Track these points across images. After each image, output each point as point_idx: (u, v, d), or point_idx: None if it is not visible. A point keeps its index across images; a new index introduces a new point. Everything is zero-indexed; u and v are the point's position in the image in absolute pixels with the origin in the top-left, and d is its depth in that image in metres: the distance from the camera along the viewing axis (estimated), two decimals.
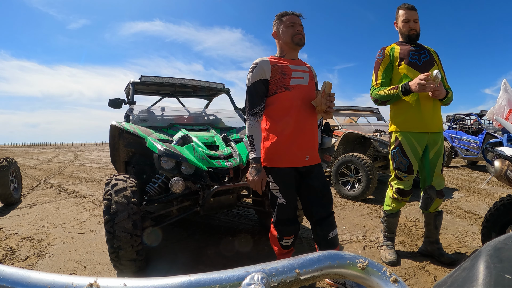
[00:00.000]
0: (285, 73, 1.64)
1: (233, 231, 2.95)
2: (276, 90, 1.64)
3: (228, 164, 2.29)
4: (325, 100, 1.61)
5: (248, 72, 1.66)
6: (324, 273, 0.32)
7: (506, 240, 0.29)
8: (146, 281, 0.26)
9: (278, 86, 1.64)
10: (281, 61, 1.68)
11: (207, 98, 4.31)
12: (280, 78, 1.63)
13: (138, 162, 2.73)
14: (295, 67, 1.69)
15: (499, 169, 1.70)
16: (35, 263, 2.29)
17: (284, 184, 1.67)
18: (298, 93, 1.66)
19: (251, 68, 1.64)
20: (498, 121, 2.03)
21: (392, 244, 2.32)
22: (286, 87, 1.64)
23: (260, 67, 1.62)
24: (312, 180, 1.72)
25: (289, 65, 1.67)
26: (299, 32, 1.67)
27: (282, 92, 1.63)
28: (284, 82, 1.63)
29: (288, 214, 1.71)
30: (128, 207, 1.88)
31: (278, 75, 1.63)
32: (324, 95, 1.60)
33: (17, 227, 3.18)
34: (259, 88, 1.63)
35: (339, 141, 5.19)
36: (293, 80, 1.65)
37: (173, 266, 2.22)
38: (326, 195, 1.75)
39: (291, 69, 1.67)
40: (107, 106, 2.99)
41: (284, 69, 1.65)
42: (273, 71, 1.62)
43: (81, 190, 5.34)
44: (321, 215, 1.72)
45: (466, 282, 0.26)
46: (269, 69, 1.62)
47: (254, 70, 1.63)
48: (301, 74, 1.70)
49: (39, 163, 11.96)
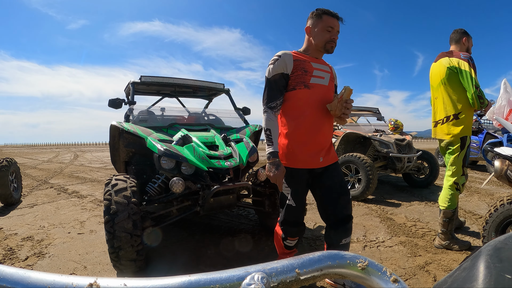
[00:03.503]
0: (306, 70, 1.57)
1: (233, 231, 2.95)
2: (295, 86, 1.58)
3: (228, 164, 2.29)
4: (340, 106, 1.55)
5: (269, 63, 1.59)
6: (324, 273, 0.32)
7: (506, 240, 0.28)
8: (146, 281, 0.26)
9: (297, 82, 1.57)
10: (304, 57, 1.61)
11: (207, 98, 4.31)
12: (300, 75, 1.57)
13: (138, 162, 2.73)
14: (317, 65, 1.63)
15: (499, 169, 1.70)
16: (35, 263, 2.29)
17: (295, 186, 1.63)
18: (316, 92, 1.60)
19: (273, 60, 1.57)
20: (498, 121, 2.03)
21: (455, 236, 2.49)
22: (306, 85, 1.57)
23: (282, 60, 1.55)
24: (327, 179, 1.67)
25: (311, 62, 1.61)
26: (334, 40, 1.60)
27: (301, 89, 1.57)
28: (304, 79, 1.57)
29: (295, 217, 1.69)
30: (128, 207, 1.88)
31: (299, 71, 1.56)
32: (341, 101, 1.54)
33: (17, 227, 3.18)
34: (279, 81, 1.56)
35: (339, 141, 5.19)
36: (313, 79, 1.59)
37: (173, 266, 2.22)
38: (343, 194, 1.67)
39: (313, 67, 1.60)
40: (107, 106, 2.99)
41: (306, 66, 1.58)
42: (294, 66, 1.56)
43: (81, 190, 5.34)
44: (337, 216, 1.66)
45: (466, 282, 0.26)
46: (291, 64, 1.55)
47: (276, 63, 1.55)
48: (322, 73, 1.64)
49: (39, 163, 11.96)
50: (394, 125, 5.43)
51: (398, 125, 5.43)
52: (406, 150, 4.77)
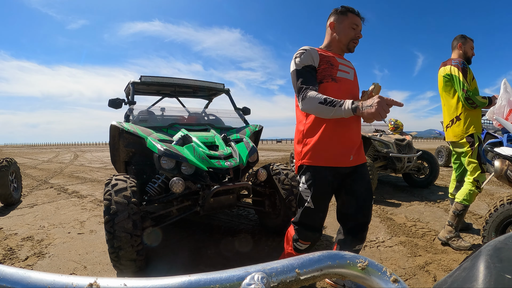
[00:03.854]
0: (332, 64, 1.53)
1: (233, 231, 2.95)
2: (322, 79, 1.51)
3: (228, 164, 2.29)
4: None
5: (295, 57, 1.52)
6: (324, 273, 0.32)
7: (506, 240, 0.28)
8: (146, 281, 0.26)
9: (324, 75, 1.51)
10: (328, 53, 1.58)
11: (207, 98, 4.31)
12: (327, 68, 1.51)
13: (138, 162, 2.73)
14: (342, 61, 1.59)
15: (499, 169, 1.70)
16: (35, 263, 2.29)
17: (317, 189, 1.52)
18: (344, 87, 1.54)
19: (299, 54, 1.51)
20: (498, 121, 2.03)
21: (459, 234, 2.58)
22: (333, 78, 1.52)
23: (309, 53, 1.50)
24: (355, 182, 1.58)
25: (336, 57, 1.57)
26: (357, 38, 1.59)
27: (329, 82, 1.51)
28: (331, 73, 1.52)
29: (313, 220, 1.58)
30: (128, 207, 1.88)
31: (325, 64, 1.52)
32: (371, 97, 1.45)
33: (17, 227, 3.18)
34: (310, 71, 1.49)
35: None
36: (340, 73, 1.54)
37: (173, 266, 2.22)
38: (368, 200, 1.60)
39: (338, 61, 1.56)
40: (107, 106, 2.99)
41: (331, 60, 1.54)
42: (320, 59, 1.52)
43: (81, 190, 5.34)
44: (357, 222, 1.60)
45: (466, 282, 0.26)
46: (317, 57, 1.51)
47: (302, 55, 1.50)
48: (347, 68, 1.59)
49: (39, 163, 11.96)
50: (394, 125, 5.43)
51: (398, 125, 5.43)
52: (406, 150, 4.77)
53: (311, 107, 1.40)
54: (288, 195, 2.54)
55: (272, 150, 19.52)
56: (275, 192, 2.68)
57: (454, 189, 2.81)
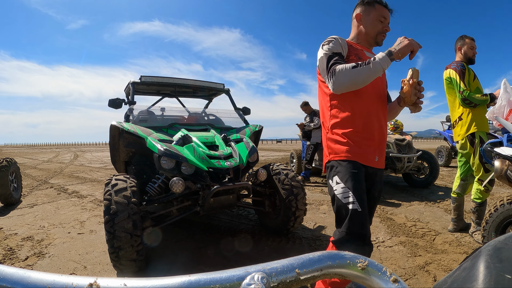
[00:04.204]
0: (360, 58, 1.42)
1: (233, 231, 2.95)
2: None
3: (228, 164, 2.29)
4: (414, 90, 1.36)
5: (323, 44, 1.41)
6: (324, 273, 0.32)
7: (506, 240, 0.28)
8: (146, 281, 0.26)
9: None
10: (356, 45, 1.49)
11: (207, 98, 4.31)
12: (355, 60, 1.39)
13: (138, 162, 2.73)
14: (370, 55, 1.48)
15: (499, 169, 1.70)
16: (35, 263, 2.29)
17: (358, 185, 1.30)
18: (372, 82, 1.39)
19: (327, 41, 1.41)
20: (498, 121, 2.03)
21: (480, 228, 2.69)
22: None
23: (338, 42, 1.40)
24: (373, 184, 1.45)
25: (364, 51, 1.48)
26: (385, 31, 1.49)
27: None
28: None
29: (364, 227, 1.27)
30: (128, 207, 1.88)
31: (354, 56, 1.41)
32: (414, 84, 1.35)
33: (17, 227, 3.18)
34: (340, 58, 1.37)
35: None
36: None
37: (173, 266, 2.22)
38: (375, 206, 1.54)
39: (366, 55, 1.45)
40: (107, 106, 3.00)
41: (360, 54, 1.44)
42: (349, 50, 1.42)
43: (81, 190, 5.34)
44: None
45: (466, 282, 0.26)
46: (346, 47, 1.42)
47: (331, 43, 1.40)
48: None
49: (39, 163, 11.96)
50: (394, 125, 5.43)
51: (398, 125, 5.43)
52: (406, 150, 4.77)
53: (345, 78, 1.25)
54: (288, 195, 2.54)
55: (272, 150, 19.53)
56: (275, 192, 2.68)
57: (458, 187, 2.85)
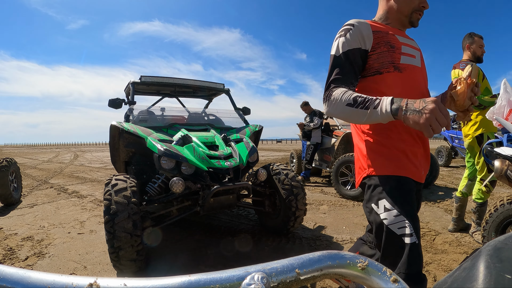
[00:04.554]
0: (393, 46, 1.08)
1: (233, 231, 2.95)
2: (379, 68, 1.08)
3: (228, 164, 2.29)
4: (470, 93, 1.02)
5: (338, 36, 1.09)
6: (324, 273, 0.32)
7: (506, 240, 0.28)
8: (146, 281, 0.26)
9: (383, 62, 1.07)
10: (386, 28, 1.13)
11: (207, 98, 4.31)
12: (386, 52, 1.07)
13: (138, 162, 2.74)
14: (404, 40, 1.14)
15: (499, 169, 1.70)
16: (35, 263, 2.29)
17: (412, 206, 1.01)
18: (411, 77, 1.10)
19: (343, 31, 1.07)
20: (498, 121, 2.03)
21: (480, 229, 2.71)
22: (396, 66, 1.07)
23: (358, 31, 1.06)
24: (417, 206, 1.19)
25: (396, 35, 1.12)
26: (422, 8, 1.15)
27: (390, 72, 1.07)
28: (393, 58, 1.07)
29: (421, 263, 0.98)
30: (128, 207, 1.88)
31: (384, 46, 1.07)
32: (471, 84, 1.02)
33: (17, 227, 3.18)
34: (355, 58, 1.05)
35: (339, 141, 5.19)
36: (404, 58, 1.09)
37: (173, 266, 2.22)
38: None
39: (399, 41, 1.11)
40: (107, 106, 3.00)
41: (391, 40, 1.09)
42: (375, 39, 1.07)
43: (81, 190, 5.34)
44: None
45: (466, 282, 0.26)
46: (370, 36, 1.07)
47: (348, 34, 1.06)
48: (412, 51, 1.13)
49: (39, 163, 11.96)
50: None
51: None
52: None
53: (337, 111, 1.00)
54: (288, 195, 2.54)
55: (272, 150, 19.53)
56: (275, 192, 2.68)
57: (464, 187, 2.87)
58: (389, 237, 0.99)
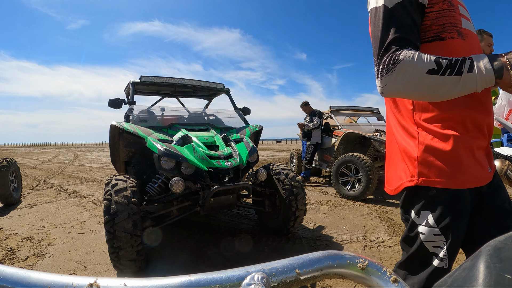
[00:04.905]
0: (452, 4, 0.81)
1: (233, 231, 2.95)
2: (440, 32, 0.80)
3: (228, 164, 2.29)
4: None
5: None
6: (324, 273, 0.32)
7: (506, 240, 0.28)
8: (146, 281, 0.26)
9: (445, 24, 0.80)
10: None
11: (207, 98, 4.31)
12: (447, 10, 0.80)
13: (138, 162, 2.74)
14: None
15: (499, 169, 1.70)
16: (35, 263, 2.29)
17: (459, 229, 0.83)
18: (473, 46, 0.83)
19: None
20: (498, 121, 2.03)
21: None
22: (459, 32, 0.80)
23: None
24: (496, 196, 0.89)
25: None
26: None
27: (454, 39, 0.79)
28: (455, 20, 0.80)
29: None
30: (128, 207, 1.88)
31: (444, 3, 0.80)
32: None
33: (17, 227, 3.18)
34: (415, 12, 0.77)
35: (339, 141, 5.19)
36: (464, 21, 0.82)
37: (173, 266, 2.22)
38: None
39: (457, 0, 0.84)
40: (107, 106, 3.00)
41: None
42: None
43: (81, 190, 5.34)
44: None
45: (466, 282, 0.26)
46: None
47: None
48: (466, 13, 0.86)
49: (39, 163, 11.96)
50: None
51: None
52: None
53: (410, 84, 0.72)
54: (288, 195, 2.54)
55: (272, 150, 19.53)
56: (275, 192, 2.68)
57: None
58: (420, 251, 0.87)
